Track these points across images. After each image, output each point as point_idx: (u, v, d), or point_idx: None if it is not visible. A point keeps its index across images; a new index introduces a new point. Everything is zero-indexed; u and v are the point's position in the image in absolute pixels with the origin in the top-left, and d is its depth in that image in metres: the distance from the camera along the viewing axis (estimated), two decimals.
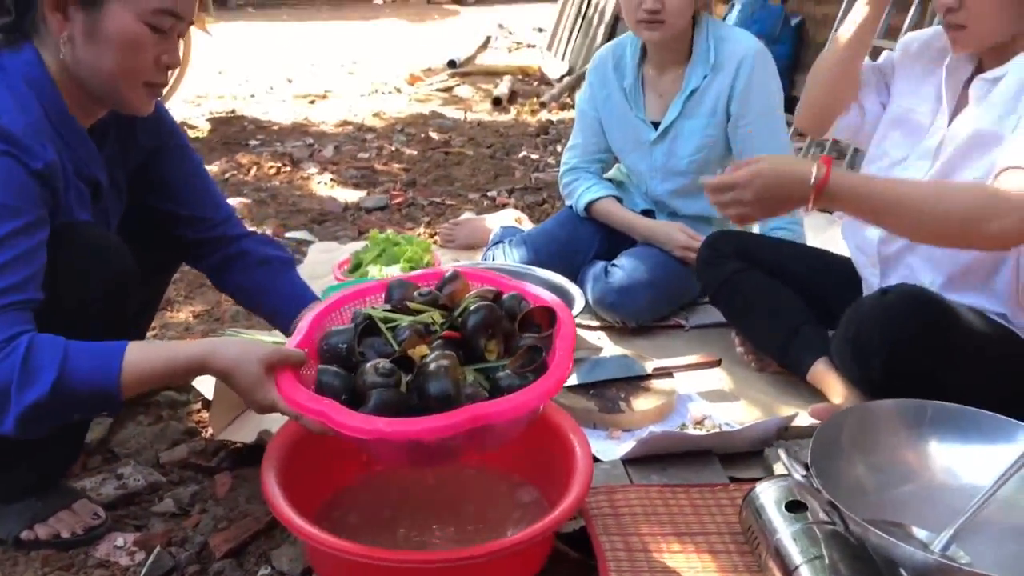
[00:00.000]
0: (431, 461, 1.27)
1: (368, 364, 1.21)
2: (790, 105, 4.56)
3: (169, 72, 1.42)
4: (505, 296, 1.34)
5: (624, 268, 2.24)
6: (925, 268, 1.67)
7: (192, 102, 5.29)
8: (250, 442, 1.68)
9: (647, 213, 2.43)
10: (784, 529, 1.25)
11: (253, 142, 4.36)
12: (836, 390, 1.78)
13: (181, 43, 1.44)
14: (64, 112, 1.36)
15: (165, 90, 4.70)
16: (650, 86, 2.33)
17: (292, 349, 1.31)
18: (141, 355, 1.25)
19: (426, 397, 1.16)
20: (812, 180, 1.42)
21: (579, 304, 2.12)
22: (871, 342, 1.48)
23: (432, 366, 1.17)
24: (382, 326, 1.28)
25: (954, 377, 1.49)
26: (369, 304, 1.41)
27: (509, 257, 2.40)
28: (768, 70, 2.21)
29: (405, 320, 1.29)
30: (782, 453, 1.26)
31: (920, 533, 1.25)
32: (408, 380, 1.20)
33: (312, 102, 5.46)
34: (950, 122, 1.65)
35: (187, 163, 1.66)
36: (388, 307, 1.34)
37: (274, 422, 1.55)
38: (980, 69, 1.64)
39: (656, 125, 2.30)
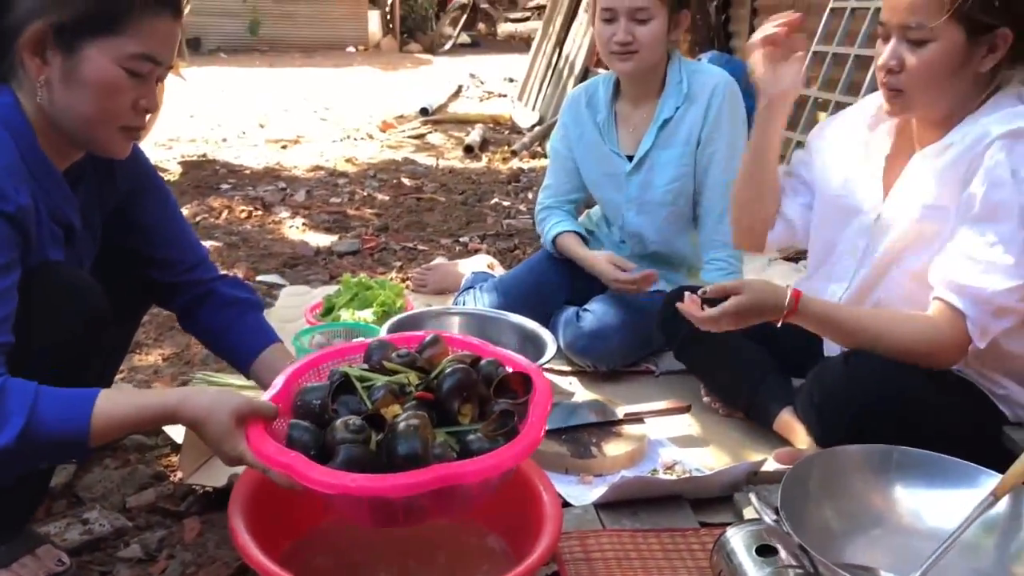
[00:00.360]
0: (396, 522, 1.25)
1: (339, 420, 1.21)
2: None
3: (147, 116, 1.41)
4: (483, 361, 1.35)
5: (595, 313, 2.26)
6: None
7: (164, 145, 5.29)
8: (220, 486, 1.66)
9: None
10: (754, 573, 1.26)
11: (225, 186, 4.37)
12: (801, 438, 1.80)
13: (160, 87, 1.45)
14: (40, 155, 1.35)
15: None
16: (623, 120, 2.38)
17: (263, 402, 1.31)
18: (112, 403, 1.24)
19: (394, 456, 1.16)
20: (784, 310, 1.55)
21: (551, 349, 2.13)
22: (836, 412, 1.51)
23: (401, 425, 1.17)
24: (357, 384, 1.29)
25: (917, 432, 1.51)
26: (347, 364, 1.42)
27: (480, 302, 2.42)
28: (737, 100, 2.27)
29: (380, 380, 1.29)
30: (753, 497, 1.28)
31: None
32: (378, 439, 1.21)
33: (284, 147, 5.49)
34: (885, 197, 1.66)
35: (163, 206, 1.66)
36: (365, 367, 1.35)
37: (244, 467, 1.55)
38: (903, 142, 1.66)
39: (630, 159, 2.35)
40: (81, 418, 1.20)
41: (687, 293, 1.69)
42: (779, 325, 1.57)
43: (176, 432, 1.84)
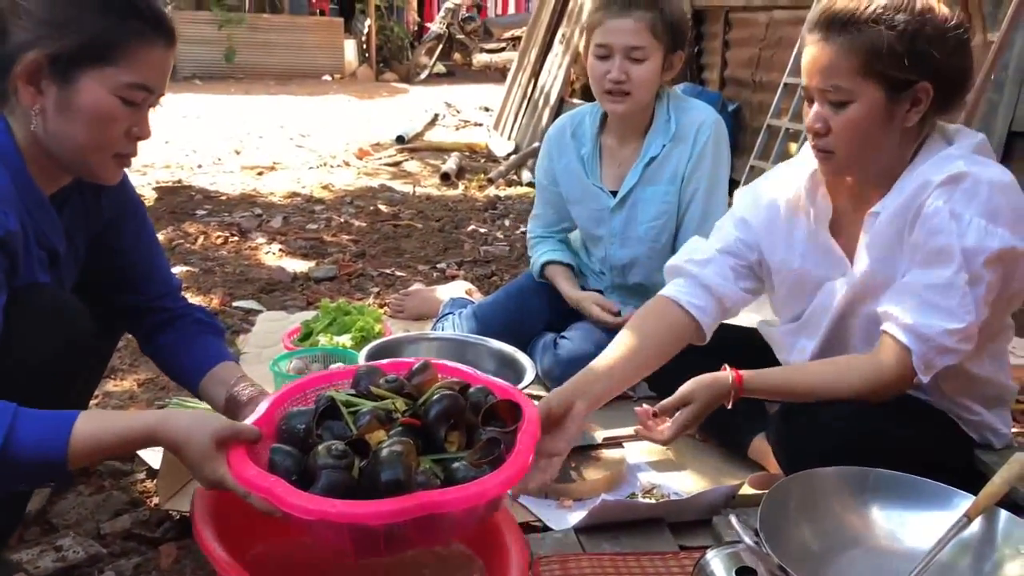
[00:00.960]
0: (377, 550, 1.21)
1: (321, 445, 1.19)
2: (729, 187, 4.74)
3: (139, 143, 1.42)
4: (472, 389, 1.34)
5: (573, 340, 2.28)
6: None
7: (138, 171, 5.26)
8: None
9: (598, 293, 2.48)
10: None
11: (200, 212, 4.35)
12: (775, 464, 1.82)
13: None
14: (28, 181, 1.36)
15: None
16: (608, 155, 2.39)
17: (245, 425, 1.29)
18: (91, 424, 1.21)
19: (376, 482, 1.14)
20: (729, 390, 1.61)
21: (530, 375, 2.14)
22: (808, 461, 1.49)
23: (385, 452, 1.16)
24: (343, 409, 1.27)
25: (893, 463, 1.54)
26: (335, 389, 1.39)
27: (459, 328, 2.43)
28: (722, 140, 2.29)
29: (367, 405, 1.28)
30: (733, 519, 1.29)
31: None
32: (361, 465, 1.19)
33: (260, 174, 5.49)
34: (851, 260, 1.66)
35: (142, 234, 1.67)
36: (352, 392, 1.34)
37: None
38: (842, 202, 1.66)
39: (614, 194, 2.36)
40: (59, 439, 1.18)
41: (637, 409, 1.76)
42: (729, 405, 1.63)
43: (152, 457, 1.82)
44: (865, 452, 1.48)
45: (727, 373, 1.62)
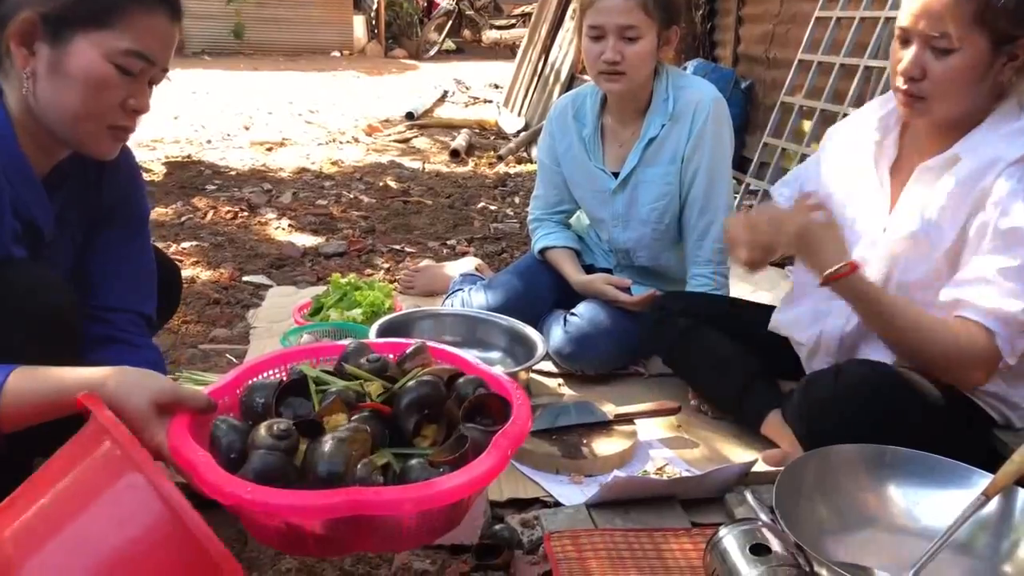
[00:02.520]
0: (306, 547, 1.09)
1: (264, 423, 1.09)
2: (741, 164, 4.71)
3: (138, 117, 1.36)
4: (462, 379, 1.22)
5: (582, 317, 2.25)
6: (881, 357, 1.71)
7: (147, 146, 5.25)
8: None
9: (607, 271, 2.46)
10: (748, 572, 1.26)
11: (210, 187, 4.34)
12: (789, 441, 1.81)
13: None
14: (13, 148, 1.31)
15: None
16: (610, 136, 2.36)
17: (194, 391, 1.20)
18: (26, 381, 1.12)
19: (312, 472, 1.04)
20: (837, 269, 1.52)
21: (540, 351, 2.13)
22: (827, 426, 1.51)
23: (326, 438, 1.05)
24: (312, 386, 1.18)
25: (910, 441, 1.53)
26: (321, 364, 1.30)
27: (469, 304, 2.41)
28: (722, 118, 2.25)
29: (337, 384, 1.19)
30: (749, 496, 1.28)
31: (882, 575, 1.27)
32: (280, 430, 1.08)
33: (269, 149, 5.46)
34: (891, 208, 1.67)
35: (128, 243, 1.57)
36: (329, 369, 1.25)
37: None
38: (908, 153, 1.67)
39: (616, 175, 2.34)
40: None
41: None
42: (820, 281, 1.54)
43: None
44: (887, 426, 1.47)
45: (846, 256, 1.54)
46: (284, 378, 1.29)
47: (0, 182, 1.28)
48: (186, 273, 3.00)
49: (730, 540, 1.35)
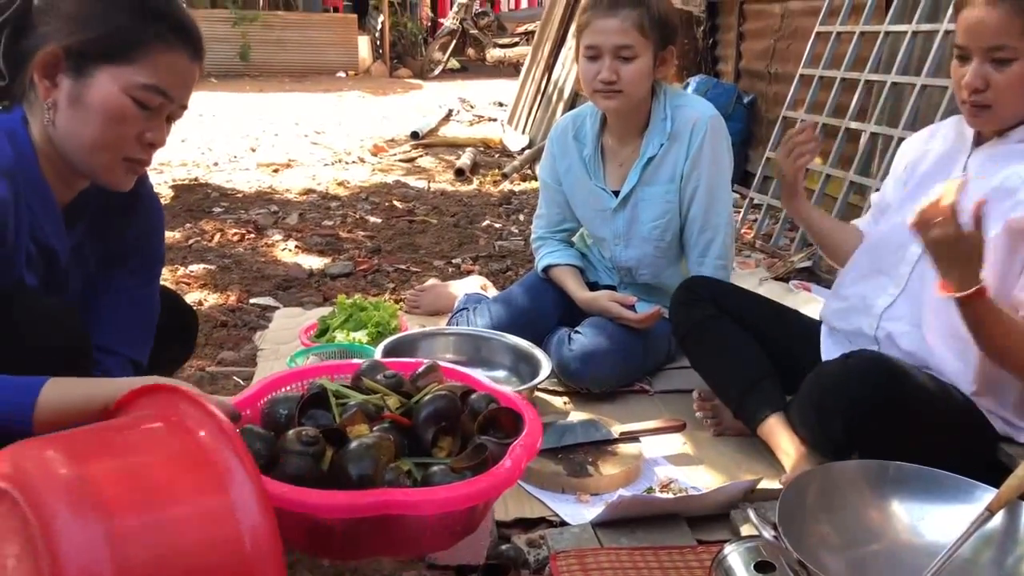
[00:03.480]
0: (332, 550, 1.15)
1: (292, 430, 1.15)
2: (744, 179, 4.72)
3: (154, 151, 1.39)
4: (475, 395, 1.29)
5: (586, 336, 2.26)
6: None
7: (155, 170, 5.29)
8: None
9: (611, 288, 2.47)
10: None
11: (217, 209, 4.37)
12: (784, 446, 1.83)
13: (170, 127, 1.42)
14: (35, 174, 1.35)
15: None
16: (610, 155, 2.38)
17: (218, 399, 1.24)
18: (60, 390, 1.20)
19: (342, 475, 1.09)
20: (972, 286, 1.46)
21: (546, 369, 2.14)
22: (834, 404, 1.53)
23: (354, 444, 1.11)
24: (332, 399, 1.24)
25: (914, 440, 1.55)
26: (337, 380, 1.37)
27: (473, 323, 2.43)
28: (720, 136, 2.26)
29: (356, 398, 1.25)
30: (752, 513, 1.29)
31: None
32: (308, 435, 1.14)
33: (276, 171, 5.50)
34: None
35: (138, 284, 1.59)
36: (347, 384, 1.31)
37: None
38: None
39: (616, 193, 2.35)
40: (26, 403, 1.17)
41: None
42: (956, 294, 1.48)
43: None
44: (894, 412, 1.49)
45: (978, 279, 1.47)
46: (304, 392, 1.33)
47: (20, 206, 1.31)
48: (193, 296, 3.02)
49: (735, 557, 1.36)
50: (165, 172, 5.27)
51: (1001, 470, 1.49)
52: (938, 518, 1.36)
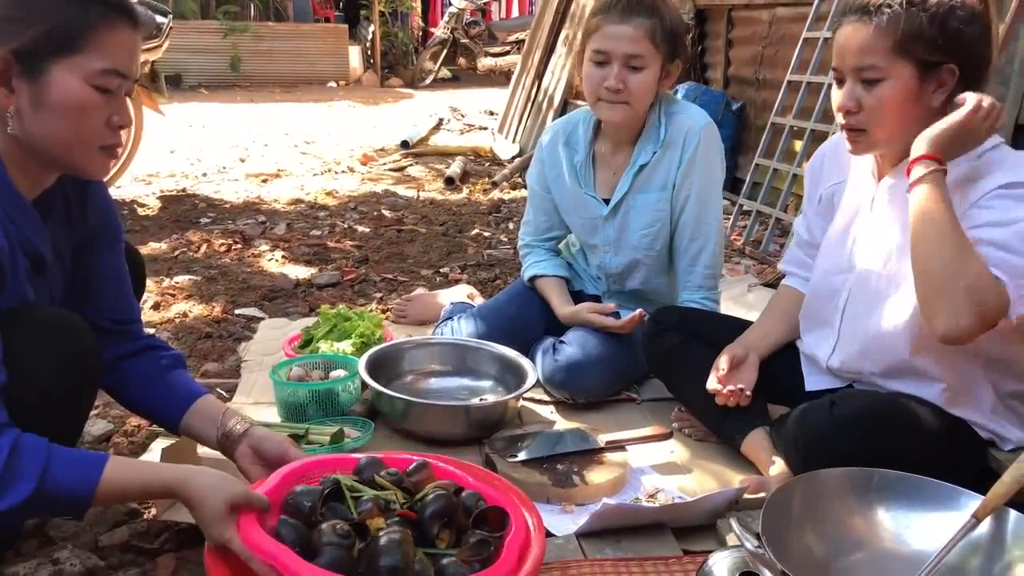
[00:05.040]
0: None
1: (327, 523, 1.27)
2: (734, 185, 4.71)
3: (122, 132, 1.41)
4: (465, 493, 1.42)
5: (572, 345, 2.24)
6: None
7: (143, 180, 5.27)
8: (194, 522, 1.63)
9: (596, 298, 2.46)
10: None
11: (204, 220, 4.35)
12: (766, 462, 1.82)
13: (130, 103, 1.44)
14: (9, 188, 1.34)
15: (114, 170, 4.67)
16: (601, 163, 2.36)
17: (257, 494, 1.34)
18: (120, 472, 1.28)
19: (374, 565, 1.21)
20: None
21: (531, 379, 2.12)
22: (821, 460, 1.48)
23: (384, 539, 1.23)
24: (347, 493, 1.36)
25: (905, 464, 1.52)
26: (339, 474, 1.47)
27: (459, 332, 2.41)
28: (713, 144, 2.24)
29: (369, 493, 1.37)
30: (734, 523, 1.27)
31: None
32: (360, 547, 1.26)
33: (265, 181, 5.48)
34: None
35: (116, 254, 1.65)
36: (357, 479, 1.42)
37: None
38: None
39: (607, 201, 2.34)
40: (88, 484, 1.24)
41: None
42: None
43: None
44: (885, 457, 1.46)
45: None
46: (315, 483, 1.44)
47: (5, 223, 1.30)
48: (178, 307, 3.00)
49: (720, 568, 1.35)
50: (153, 183, 5.25)
51: (991, 476, 1.47)
52: (924, 526, 1.35)
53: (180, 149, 6.45)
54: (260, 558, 1.22)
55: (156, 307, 3.00)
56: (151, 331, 2.59)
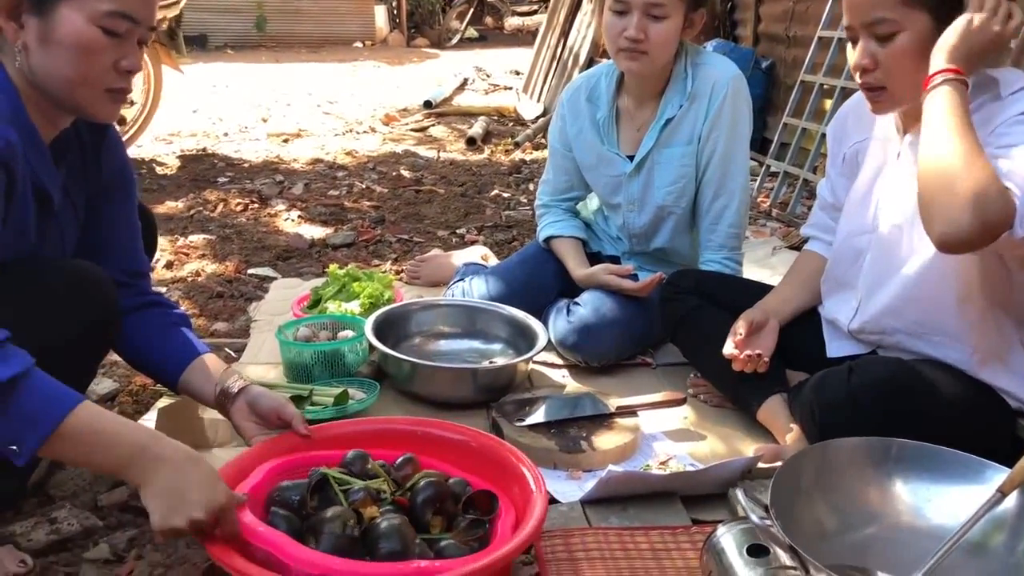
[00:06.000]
0: None
1: (331, 509, 1.26)
2: (762, 146, 4.59)
3: (132, 77, 1.40)
4: (452, 480, 1.41)
5: (586, 307, 2.17)
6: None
7: (164, 140, 5.25)
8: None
9: (615, 259, 2.39)
10: (745, 574, 1.19)
11: (222, 179, 4.31)
12: (783, 429, 1.76)
13: (149, 60, 1.42)
14: (25, 118, 1.33)
15: (133, 129, 4.65)
16: (626, 118, 2.27)
17: (237, 495, 1.27)
18: (96, 414, 1.20)
19: (376, 551, 1.20)
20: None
21: (542, 341, 2.07)
22: (839, 430, 1.42)
23: (384, 524, 1.23)
24: (335, 485, 1.33)
25: (928, 435, 1.45)
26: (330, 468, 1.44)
27: (469, 294, 2.35)
28: (741, 97, 2.15)
29: (358, 483, 1.35)
30: (739, 493, 1.21)
31: None
32: (357, 535, 1.24)
33: (286, 141, 5.44)
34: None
35: (129, 205, 1.64)
36: (344, 471, 1.40)
37: (218, 460, 1.49)
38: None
39: (631, 158, 2.25)
40: (63, 405, 1.16)
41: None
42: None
43: (151, 424, 1.78)
44: (905, 425, 1.39)
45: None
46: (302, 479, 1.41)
47: (20, 165, 1.29)
48: (191, 266, 2.97)
49: (728, 539, 1.28)
50: (174, 143, 5.23)
51: (1021, 448, 1.39)
52: (945, 499, 1.28)
53: (203, 109, 6.42)
54: (261, 546, 1.19)
55: (169, 266, 2.98)
56: (162, 289, 2.57)
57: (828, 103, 3.85)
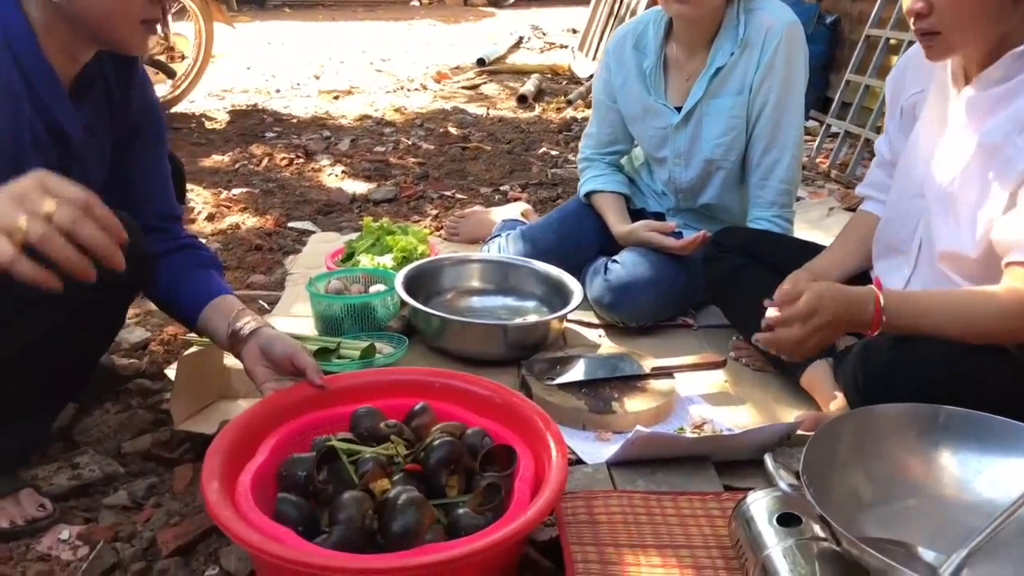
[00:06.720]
0: None
1: (347, 494, 1.18)
2: (823, 105, 4.39)
3: (164, 6, 1.37)
4: (469, 431, 1.35)
5: (624, 266, 2.09)
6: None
7: (216, 95, 5.26)
8: (212, 433, 1.58)
9: (659, 216, 2.29)
10: (775, 544, 1.12)
11: (269, 134, 4.30)
12: (829, 396, 1.67)
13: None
14: (34, 52, 1.30)
15: (184, 84, 4.64)
16: (674, 67, 2.16)
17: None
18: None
19: (390, 532, 1.14)
20: (872, 305, 1.36)
21: (576, 298, 2.00)
22: (881, 398, 1.30)
23: (399, 499, 1.16)
24: (344, 458, 1.27)
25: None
26: (336, 434, 1.37)
27: (505, 250, 2.28)
28: (797, 45, 2.03)
29: (367, 452, 1.28)
30: (769, 460, 1.13)
31: (927, 554, 1.10)
32: (371, 512, 1.18)
33: (336, 97, 5.41)
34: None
35: (160, 148, 1.62)
36: (351, 436, 1.34)
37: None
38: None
39: (679, 109, 2.14)
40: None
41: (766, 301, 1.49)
42: (872, 333, 1.39)
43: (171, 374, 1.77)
44: (951, 401, 1.29)
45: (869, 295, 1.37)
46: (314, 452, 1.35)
47: (15, 72, 1.28)
48: (232, 219, 2.96)
49: (758, 507, 1.21)
50: (226, 98, 5.23)
51: None
52: (995, 472, 1.18)
53: (256, 66, 6.42)
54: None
55: (210, 218, 2.97)
56: (202, 240, 2.56)
57: (894, 59, 3.66)
